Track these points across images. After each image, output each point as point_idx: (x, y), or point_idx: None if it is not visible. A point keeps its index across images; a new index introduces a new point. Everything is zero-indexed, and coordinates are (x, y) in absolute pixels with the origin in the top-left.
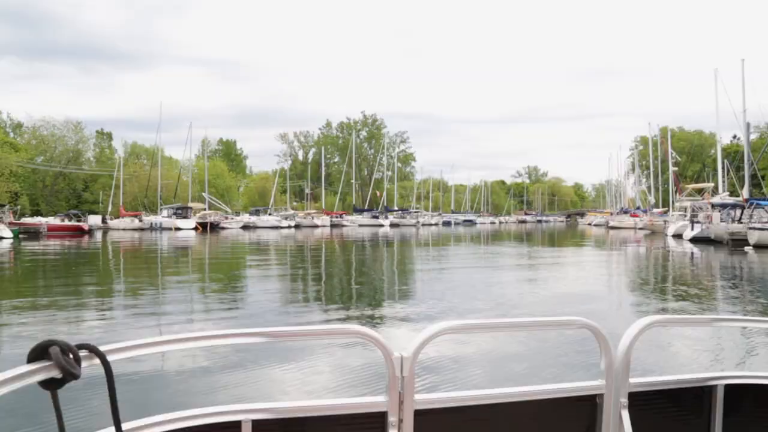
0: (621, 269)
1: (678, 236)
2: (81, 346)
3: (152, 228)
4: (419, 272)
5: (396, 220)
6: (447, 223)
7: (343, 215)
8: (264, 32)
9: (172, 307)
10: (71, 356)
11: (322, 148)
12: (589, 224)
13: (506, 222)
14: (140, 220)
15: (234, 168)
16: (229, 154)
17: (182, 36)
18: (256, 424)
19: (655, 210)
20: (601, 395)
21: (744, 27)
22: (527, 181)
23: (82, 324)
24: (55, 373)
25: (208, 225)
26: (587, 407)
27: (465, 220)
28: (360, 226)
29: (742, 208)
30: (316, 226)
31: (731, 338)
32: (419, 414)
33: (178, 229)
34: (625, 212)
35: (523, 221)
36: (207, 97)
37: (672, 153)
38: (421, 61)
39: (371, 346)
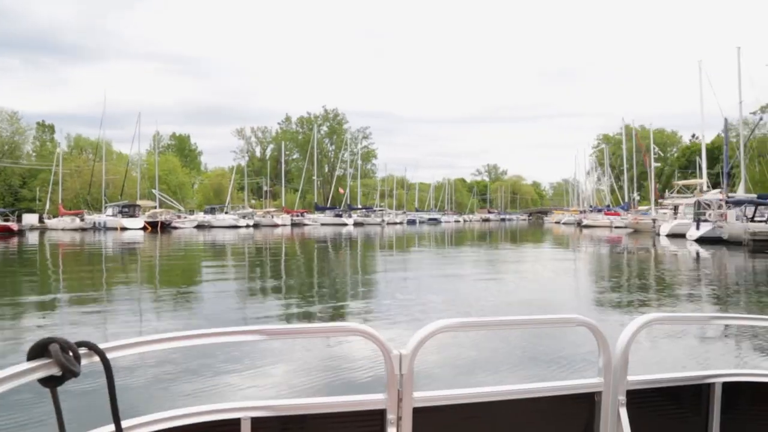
0: (644, 277)
1: (675, 236)
2: (80, 344)
3: (95, 228)
4: (398, 277)
5: (360, 219)
6: (412, 222)
7: (305, 213)
8: (221, 27)
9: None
10: (71, 354)
11: (282, 143)
12: (557, 222)
13: (470, 220)
14: (82, 219)
15: (188, 164)
16: (183, 149)
17: (134, 30)
18: (255, 421)
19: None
20: (599, 393)
21: (706, 29)
22: (487, 179)
23: None
24: (55, 371)
25: (159, 224)
26: (586, 405)
27: (430, 219)
28: (322, 225)
29: (756, 205)
30: (276, 226)
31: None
32: (418, 411)
33: (124, 229)
34: (598, 210)
35: (487, 219)
36: (160, 93)
37: (654, 149)
38: (381, 60)
39: (369, 344)
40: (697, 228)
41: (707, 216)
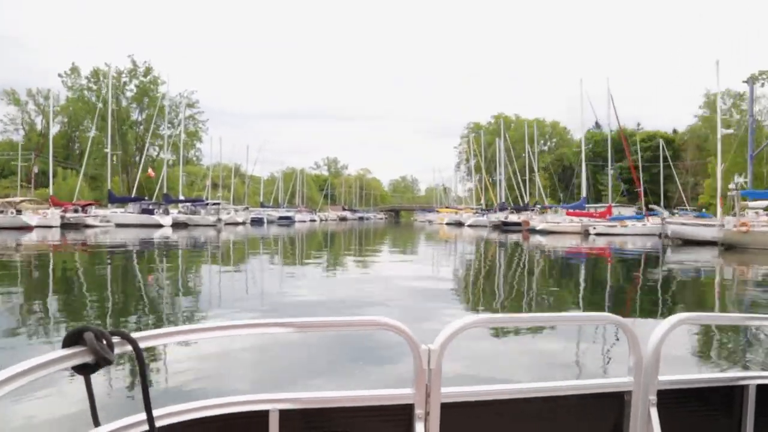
0: None
1: None
2: (113, 333)
3: None
4: None
5: (183, 217)
6: (258, 221)
7: (89, 207)
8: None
9: None
10: (104, 342)
11: (51, 96)
12: (450, 224)
13: (326, 219)
14: None
15: None
16: None
17: None
18: (283, 413)
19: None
20: (629, 392)
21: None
22: (326, 173)
23: None
24: (89, 359)
25: None
26: (615, 404)
27: (281, 218)
28: (119, 226)
29: None
30: (27, 228)
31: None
32: (446, 407)
33: None
34: (540, 208)
35: (344, 218)
36: None
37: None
38: (194, 51)
39: (397, 338)
40: None
41: None
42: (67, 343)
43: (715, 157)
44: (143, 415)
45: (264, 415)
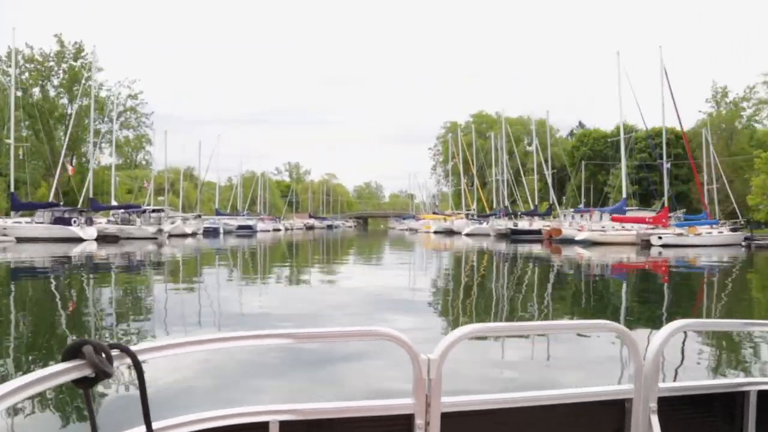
0: None
1: None
2: (112, 346)
3: None
4: None
5: (113, 229)
6: (212, 232)
7: None
8: None
9: None
10: (104, 355)
11: None
12: (448, 232)
13: (292, 228)
14: None
15: None
16: None
17: None
18: (283, 425)
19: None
20: (630, 400)
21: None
22: (287, 179)
23: None
24: (89, 372)
25: None
26: (616, 412)
27: (240, 227)
28: (22, 240)
29: None
30: None
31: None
32: (446, 417)
33: None
34: (578, 212)
35: (311, 227)
36: None
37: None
38: (137, 50)
39: (396, 348)
40: None
41: None
42: (67, 356)
43: (764, 150)
44: (143, 428)
45: (264, 426)
